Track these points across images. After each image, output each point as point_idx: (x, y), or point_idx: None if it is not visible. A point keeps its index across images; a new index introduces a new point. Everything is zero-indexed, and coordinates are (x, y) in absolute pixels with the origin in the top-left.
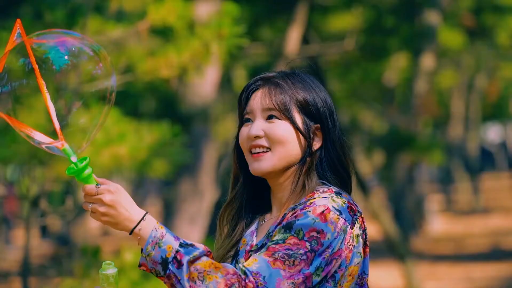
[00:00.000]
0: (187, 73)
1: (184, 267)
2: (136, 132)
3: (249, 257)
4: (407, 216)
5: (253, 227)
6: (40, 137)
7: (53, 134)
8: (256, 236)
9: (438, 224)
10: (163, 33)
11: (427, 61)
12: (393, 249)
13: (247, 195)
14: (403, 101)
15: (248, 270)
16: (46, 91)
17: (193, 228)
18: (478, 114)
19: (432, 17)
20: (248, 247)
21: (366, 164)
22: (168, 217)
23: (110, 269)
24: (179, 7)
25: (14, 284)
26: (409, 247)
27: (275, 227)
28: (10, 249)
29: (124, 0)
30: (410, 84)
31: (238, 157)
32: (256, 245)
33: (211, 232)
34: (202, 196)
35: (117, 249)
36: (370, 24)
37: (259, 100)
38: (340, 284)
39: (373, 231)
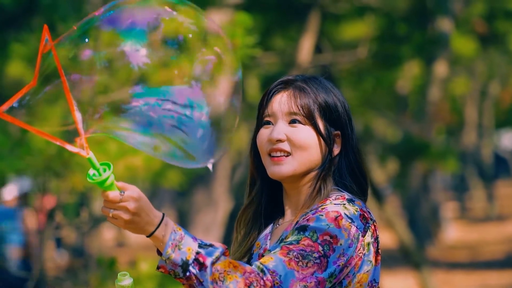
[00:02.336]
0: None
1: (208, 270)
2: None
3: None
4: (422, 224)
5: (267, 230)
6: (68, 146)
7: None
8: (269, 239)
9: (453, 232)
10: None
11: (440, 68)
12: (408, 257)
13: (265, 198)
14: (417, 109)
15: (266, 268)
16: (73, 101)
17: (207, 239)
18: (491, 121)
19: (444, 25)
20: (262, 251)
21: (380, 172)
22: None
23: (125, 280)
24: (191, 17)
25: None
26: (424, 255)
27: (288, 232)
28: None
29: None
30: (423, 92)
31: (255, 159)
32: (269, 250)
33: (226, 242)
34: (217, 206)
35: (132, 259)
36: (382, 32)
37: (283, 103)
38: None
39: (388, 239)
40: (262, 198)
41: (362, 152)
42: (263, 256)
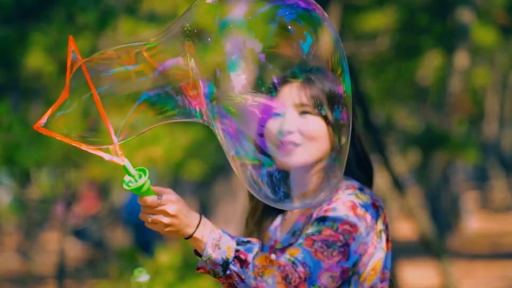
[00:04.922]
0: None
1: (251, 266)
2: (170, 134)
3: (272, 253)
4: (443, 215)
5: (276, 222)
6: (104, 155)
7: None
8: (280, 231)
9: (474, 223)
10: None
11: (461, 59)
12: (429, 248)
13: None
14: (437, 100)
15: (296, 260)
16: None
17: (228, 229)
18: None
19: (465, 15)
20: (272, 242)
21: (401, 163)
22: None
23: (142, 277)
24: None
25: (50, 286)
26: (445, 246)
27: (303, 225)
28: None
29: (156, 1)
30: (444, 83)
31: None
32: (281, 242)
33: None
34: (237, 197)
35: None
36: (403, 23)
37: (294, 94)
38: (363, 278)
39: (409, 230)
40: None
41: (364, 139)
42: (273, 247)
